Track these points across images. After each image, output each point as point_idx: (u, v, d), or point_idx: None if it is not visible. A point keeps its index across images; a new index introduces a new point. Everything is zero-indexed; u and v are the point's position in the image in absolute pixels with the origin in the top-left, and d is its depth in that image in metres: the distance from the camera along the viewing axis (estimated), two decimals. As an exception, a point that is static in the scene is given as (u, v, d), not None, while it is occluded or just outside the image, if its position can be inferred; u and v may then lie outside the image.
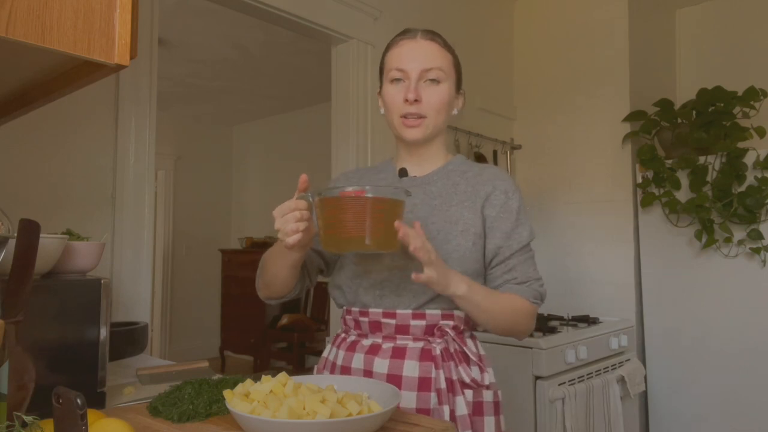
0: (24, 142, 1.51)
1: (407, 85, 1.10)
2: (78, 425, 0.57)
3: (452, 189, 1.13)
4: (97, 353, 1.00)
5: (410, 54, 1.11)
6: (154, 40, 1.76)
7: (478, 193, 1.11)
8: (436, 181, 1.15)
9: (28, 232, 0.76)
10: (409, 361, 1.06)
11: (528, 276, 1.11)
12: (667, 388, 2.65)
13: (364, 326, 1.12)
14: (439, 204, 1.12)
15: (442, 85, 1.11)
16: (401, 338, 1.09)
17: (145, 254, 1.72)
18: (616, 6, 2.85)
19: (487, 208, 1.11)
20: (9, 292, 0.75)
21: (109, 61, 0.67)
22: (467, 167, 1.17)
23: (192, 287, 5.89)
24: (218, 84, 4.85)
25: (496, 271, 1.11)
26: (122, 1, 0.67)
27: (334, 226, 0.93)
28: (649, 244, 2.72)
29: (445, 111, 1.13)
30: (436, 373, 1.04)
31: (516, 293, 1.09)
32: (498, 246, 1.10)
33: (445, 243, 1.07)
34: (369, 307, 1.11)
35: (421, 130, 1.11)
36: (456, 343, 1.08)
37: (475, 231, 1.09)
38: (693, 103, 2.65)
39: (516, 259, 1.10)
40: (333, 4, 2.22)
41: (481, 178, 1.13)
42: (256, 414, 0.75)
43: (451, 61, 1.15)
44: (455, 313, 1.10)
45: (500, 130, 3.08)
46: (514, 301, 1.08)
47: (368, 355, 1.09)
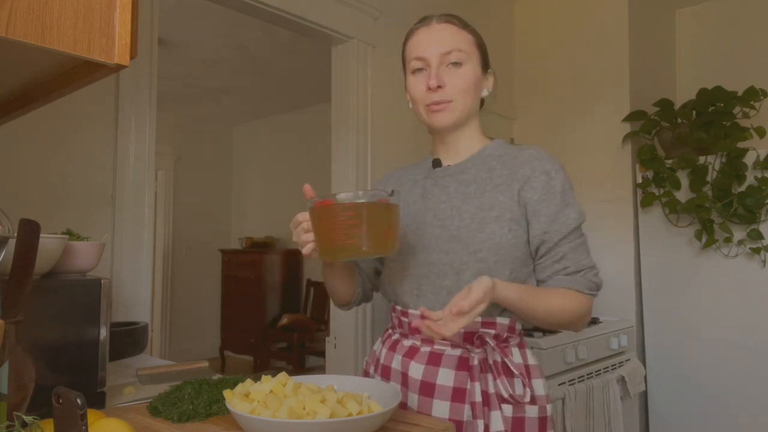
0: (24, 142, 1.51)
1: (428, 73, 1.05)
2: (78, 425, 0.57)
3: (488, 174, 1.07)
4: (97, 353, 1.00)
5: (427, 40, 1.07)
6: (154, 40, 1.76)
7: (515, 176, 1.04)
8: (471, 168, 1.09)
9: (28, 232, 0.76)
10: (444, 369, 1.02)
11: (581, 264, 1.03)
12: (667, 388, 2.65)
13: (405, 327, 1.10)
14: (473, 191, 1.06)
15: (465, 66, 1.06)
16: (439, 343, 1.04)
17: (145, 254, 1.72)
18: (616, 6, 2.85)
19: (527, 191, 1.03)
20: (9, 292, 0.75)
21: (109, 61, 0.67)
22: (505, 150, 1.10)
23: (192, 287, 5.89)
24: (218, 84, 4.85)
25: (545, 261, 1.04)
26: (122, 1, 0.67)
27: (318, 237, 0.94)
28: (649, 244, 2.72)
29: (473, 92, 1.08)
30: (471, 385, 1.00)
31: (568, 286, 1.02)
32: (543, 231, 1.02)
33: (479, 231, 1.02)
34: (408, 308, 1.08)
35: (447, 114, 1.06)
36: (497, 353, 1.02)
37: (511, 216, 1.02)
38: (693, 103, 2.65)
39: (566, 246, 1.03)
40: (333, 4, 2.22)
41: (517, 161, 1.06)
42: (256, 414, 0.75)
43: (472, 40, 1.09)
44: (498, 321, 1.04)
45: (500, 130, 3.08)
46: (566, 298, 1.01)
47: (405, 358, 1.07)
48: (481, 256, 1.01)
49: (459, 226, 1.04)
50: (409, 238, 1.09)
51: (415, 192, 1.14)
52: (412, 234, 1.09)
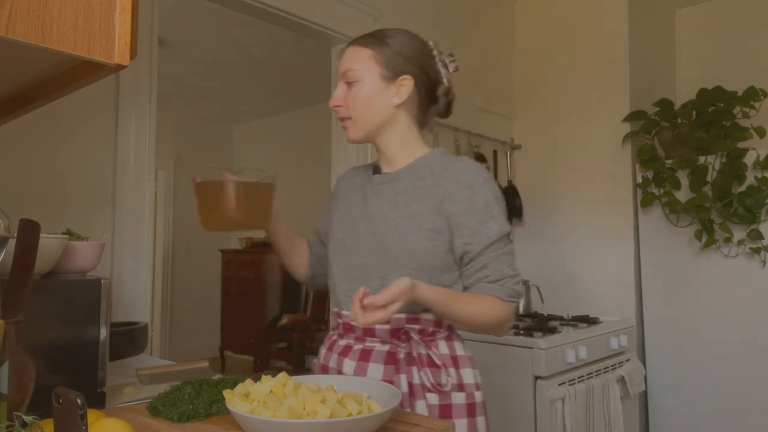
0: (24, 142, 1.51)
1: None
2: (78, 425, 0.57)
3: (417, 184, 1.12)
4: (97, 353, 1.00)
5: (340, 62, 1.17)
6: (154, 40, 1.76)
7: (439, 188, 1.09)
8: (404, 177, 1.15)
9: (28, 232, 0.76)
10: (373, 363, 1.09)
11: (501, 273, 1.07)
12: (667, 388, 2.65)
13: (341, 327, 1.17)
14: (401, 200, 1.12)
15: (359, 83, 1.11)
16: (370, 340, 1.11)
17: (145, 254, 1.72)
18: (616, 6, 2.85)
19: (450, 204, 1.08)
20: (9, 292, 0.75)
21: (109, 61, 0.67)
22: (437, 162, 1.14)
23: (192, 287, 5.88)
24: (218, 84, 4.85)
25: (468, 269, 1.09)
26: (122, 1, 0.67)
27: (198, 209, 1.12)
28: (649, 244, 2.72)
29: (373, 105, 1.11)
30: (398, 377, 1.07)
31: (488, 293, 1.07)
32: (466, 243, 1.07)
33: (401, 239, 1.08)
34: (343, 309, 1.16)
35: (351, 130, 1.14)
36: (421, 346, 1.08)
37: (430, 227, 1.08)
38: (693, 103, 2.65)
39: (487, 256, 1.07)
40: (333, 4, 2.22)
41: (445, 173, 1.11)
42: (256, 414, 0.75)
43: (370, 54, 1.12)
44: (422, 317, 1.10)
45: (500, 130, 3.08)
46: (486, 303, 1.06)
47: (340, 356, 1.14)
48: (401, 263, 1.08)
49: (384, 232, 1.11)
50: (346, 241, 1.17)
51: (358, 197, 1.21)
52: (349, 237, 1.16)
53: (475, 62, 2.95)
